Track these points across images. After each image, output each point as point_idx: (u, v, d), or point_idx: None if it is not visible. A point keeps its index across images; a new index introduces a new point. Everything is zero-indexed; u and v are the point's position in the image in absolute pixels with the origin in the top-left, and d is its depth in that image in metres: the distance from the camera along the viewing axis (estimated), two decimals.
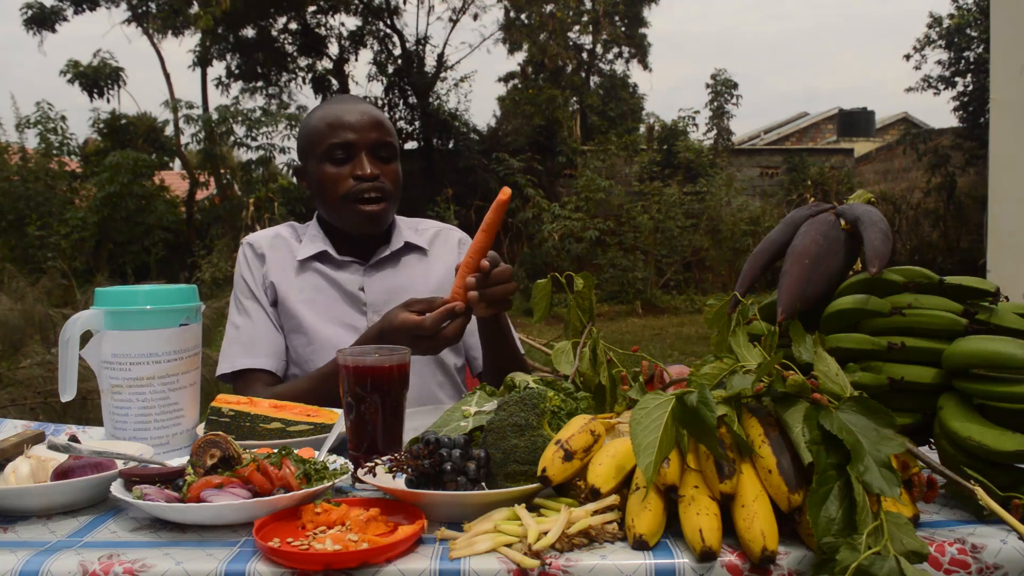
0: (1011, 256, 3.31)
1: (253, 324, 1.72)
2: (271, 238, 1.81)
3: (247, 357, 1.69)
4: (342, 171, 1.68)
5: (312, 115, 1.76)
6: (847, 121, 19.82)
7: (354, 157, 1.69)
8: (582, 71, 17.00)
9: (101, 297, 1.27)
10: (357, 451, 1.18)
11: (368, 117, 1.71)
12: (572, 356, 1.27)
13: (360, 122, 1.69)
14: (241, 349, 1.70)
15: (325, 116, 1.71)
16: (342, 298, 1.74)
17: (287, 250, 1.78)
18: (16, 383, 4.07)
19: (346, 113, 1.70)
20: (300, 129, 1.79)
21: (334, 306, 1.74)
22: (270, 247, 1.78)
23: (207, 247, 12.13)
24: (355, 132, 1.68)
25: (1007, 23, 3.31)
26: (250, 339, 1.71)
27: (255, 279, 1.76)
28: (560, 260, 11.46)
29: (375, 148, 1.70)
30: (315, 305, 1.73)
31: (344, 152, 1.68)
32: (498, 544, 0.89)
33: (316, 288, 1.74)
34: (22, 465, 1.10)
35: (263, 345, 1.71)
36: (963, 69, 12.37)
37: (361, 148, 1.69)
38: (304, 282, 1.74)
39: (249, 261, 1.78)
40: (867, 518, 0.83)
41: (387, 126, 1.73)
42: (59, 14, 13.75)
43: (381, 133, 1.71)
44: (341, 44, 15.29)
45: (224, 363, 1.71)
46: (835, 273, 1.17)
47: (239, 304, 1.76)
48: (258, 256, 1.78)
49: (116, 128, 14.09)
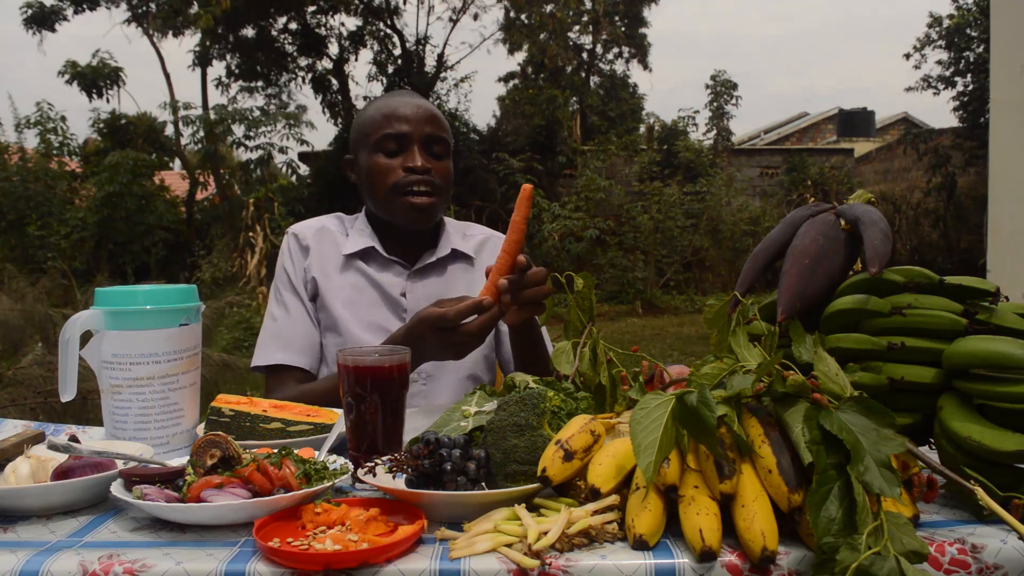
0: (1011, 256, 3.31)
1: (291, 318, 1.71)
2: (316, 229, 1.78)
3: (282, 352, 1.68)
4: (393, 162, 1.66)
5: (368, 107, 1.75)
6: (847, 121, 19.83)
7: (406, 149, 1.67)
8: (582, 71, 17.00)
9: (101, 297, 1.27)
10: (357, 451, 1.18)
11: (424, 111, 1.69)
12: (572, 356, 1.27)
13: (415, 115, 1.68)
14: (277, 343, 1.69)
15: (381, 108, 1.70)
16: (382, 301, 1.72)
17: (332, 244, 1.76)
18: (16, 383, 4.07)
19: (402, 106, 1.69)
20: (354, 121, 1.78)
21: (373, 309, 1.71)
22: (315, 239, 1.76)
23: (207, 247, 12.13)
24: (409, 124, 1.66)
25: (1007, 23, 3.30)
26: (287, 334, 1.69)
27: (296, 271, 1.74)
28: (560, 260, 11.46)
29: (428, 142, 1.68)
30: (354, 306, 1.70)
31: (397, 143, 1.66)
32: (498, 544, 0.89)
33: (357, 288, 1.72)
34: (22, 465, 1.10)
35: (299, 341, 1.69)
36: (963, 69, 12.37)
37: (414, 140, 1.67)
38: (345, 280, 1.72)
39: (292, 252, 1.75)
40: (867, 518, 0.83)
41: (442, 122, 1.72)
42: (59, 14, 13.73)
43: (435, 127, 1.69)
44: (341, 44, 15.29)
45: (260, 355, 1.70)
46: (835, 273, 1.17)
47: (278, 295, 1.74)
48: (302, 248, 1.75)
49: (116, 128, 14.09)
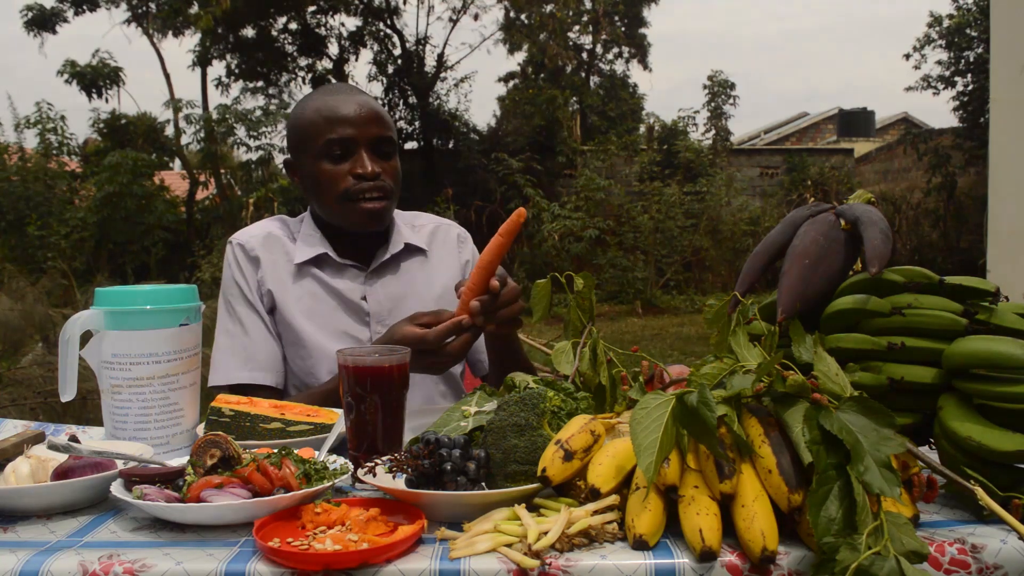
0: (1011, 256, 3.31)
1: (249, 334, 1.63)
2: (263, 238, 1.69)
3: (245, 370, 1.60)
4: (340, 168, 1.58)
5: (305, 106, 1.64)
6: (847, 121, 19.83)
7: (353, 153, 1.58)
8: (582, 71, 17.01)
9: (101, 297, 1.27)
10: (357, 451, 1.18)
11: (367, 110, 1.60)
12: (572, 356, 1.27)
13: (359, 116, 1.58)
14: (237, 361, 1.61)
15: (320, 109, 1.60)
16: (343, 308, 1.66)
17: (281, 252, 1.67)
18: (16, 383, 4.07)
19: (342, 105, 1.59)
20: (291, 122, 1.67)
21: (334, 316, 1.65)
22: (263, 248, 1.67)
23: (207, 247, 12.13)
24: (354, 127, 1.58)
25: (1007, 23, 3.30)
26: (247, 350, 1.62)
27: (249, 284, 1.65)
28: (560, 260, 11.46)
29: (375, 144, 1.60)
30: (314, 315, 1.64)
31: (342, 148, 1.58)
32: (498, 544, 0.89)
33: (314, 296, 1.65)
34: (22, 465, 1.10)
35: (262, 357, 1.62)
36: (963, 69, 12.36)
37: (361, 144, 1.58)
38: (302, 289, 1.65)
39: (241, 264, 1.66)
40: (867, 518, 0.83)
41: (386, 119, 1.63)
42: (59, 15, 13.75)
43: (381, 127, 1.61)
44: (341, 44, 15.30)
45: (217, 374, 1.62)
46: (835, 273, 1.17)
47: (231, 310, 1.66)
48: (251, 259, 1.66)
49: (116, 128, 14.09)
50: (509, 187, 12.53)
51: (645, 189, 12.45)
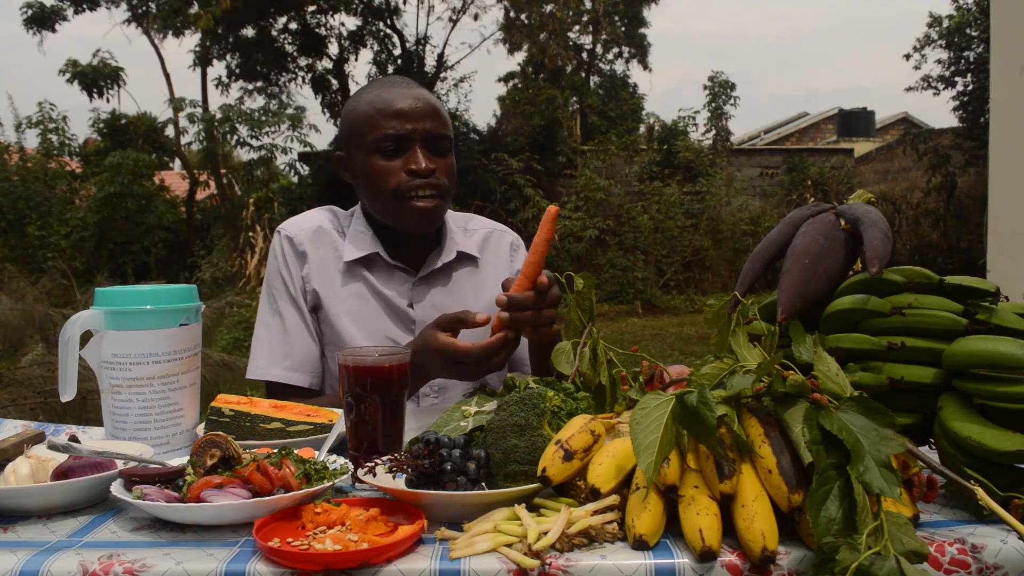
0: (1011, 256, 3.31)
1: (288, 331, 1.60)
2: (312, 232, 1.63)
3: (281, 368, 1.58)
4: (393, 164, 1.52)
5: (359, 99, 1.58)
6: (847, 121, 19.83)
7: (407, 149, 1.53)
8: (582, 71, 17.02)
9: (101, 297, 1.27)
10: (357, 451, 1.18)
11: (423, 104, 1.54)
12: (572, 356, 1.27)
13: (415, 110, 1.52)
14: (276, 357, 1.58)
15: (374, 102, 1.54)
16: (388, 313, 1.61)
17: (331, 248, 1.62)
18: (16, 383, 4.07)
19: (398, 99, 1.53)
20: (344, 114, 1.62)
21: (379, 320, 1.60)
22: (312, 243, 1.62)
23: (207, 247, 12.14)
24: (409, 121, 1.52)
25: (1007, 23, 3.30)
26: (285, 347, 1.59)
27: (294, 280, 1.60)
28: (560, 260, 11.46)
29: (430, 139, 1.54)
30: (358, 318, 1.59)
31: (396, 144, 1.52)
32: (498, 544, 0.89)
33: (360, 298, 1.61)
34: (22, 465, 1.10)
35: (298, 356, 1.59)
36: (963, 69, 12.36)
37: (415, 140, 1.53)
38: (348, 291, 1.60)
39: (288, 258, 1.61)
40: (867, 518, 0.83)
41: (443, 115, 1.57)
42: (59, 14, 13.74)
43: (437, 123, 1.55)
44: (341, 44, 15.29)
45: (256, 367, 1.60)
46: (835, 273, 1.17)
47: (273, 303, 1.62)
48: (298, 254, 1.61)
49: (116, 128, 14.11)
50: (509, 187, 12.53)
51: (645, 189, 12.45)
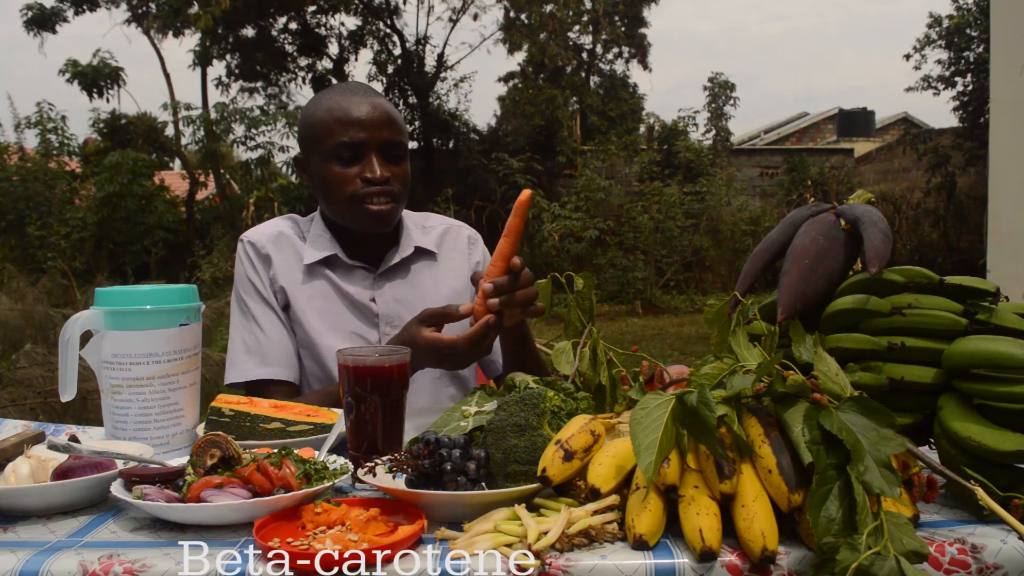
0: (1011, 256, 3.31)
1: (264, 331, 1.62)
2: (274, 236, 1.69)
3: (261, 367, 1.60)
4: (349, 171, 1.57)
5: (317, 105, 1.62)
6: (847, 121, 19.82)
7: (363, 157, 1.57)
8: (582, 71, 17.00)
9: (101, 297, 1.27)
10: (357, 451, 1.18)
11: (379, 113, 1.58)
12: (572, 356, 1.27)
13: (371, 118, 1.57)
14: (254, 358, 1.61)
15: (332, 109, 1.58)
16: (351, 309, 1.66)
17: (292, 251, 1.68)
18: (16, 383, 4.07)
19: (355, 107, 1.57)
20: (303, 119, 1.66)
21: (344, 317, 1.65)
22: (274, 246, 1.67)
23: (207, 247, 12.13)
24: (365, 130, 1.56)
25: (1007, 23, 3.31)
26: (263, 346, 1.61)
27: (262, 280, 1.65)
28: (560, 260, 11.46)
29: (385, 148, 1.59)
30: (324, 315, 1.64)
31: (352, 152, 1.57)
32: (498, 544, 0.89)
33: (325, 297, 1.65)
34: (22, 465, 1.10)
35: (278, 353, 1.61)
36: (963, 69, 12.35)
37: (371, 148, 1.57)
38: (313, 290, 1.65)
39: (254, 262, 1.66)
40: (867, 518, 0.83)
41: (399, 123, 1.61)
42: (59, 15, 13.74)
43: (392, 131, 1.59)
44: (341, 44, 15.29)
45: (233, 371, 1.62)
46: (835, 273, 1.17)
47: (244, 308, 1.66)
48: (262, 257, 1.66)
49: (116, 128, 14.10)
50: (509, 187, 12.52)
51: (645, 189, 12.45)
